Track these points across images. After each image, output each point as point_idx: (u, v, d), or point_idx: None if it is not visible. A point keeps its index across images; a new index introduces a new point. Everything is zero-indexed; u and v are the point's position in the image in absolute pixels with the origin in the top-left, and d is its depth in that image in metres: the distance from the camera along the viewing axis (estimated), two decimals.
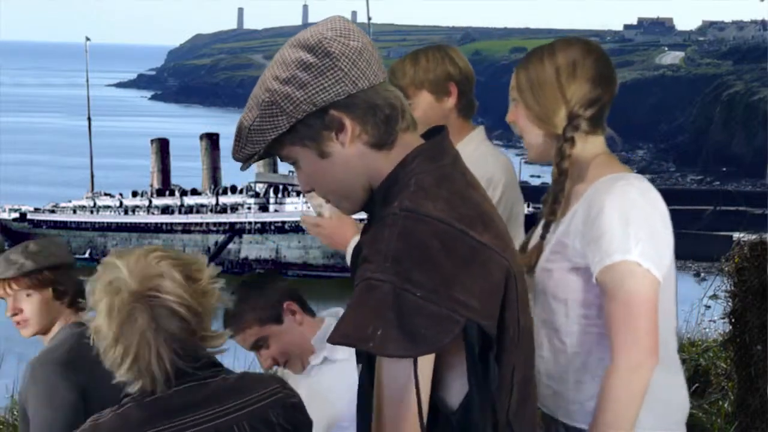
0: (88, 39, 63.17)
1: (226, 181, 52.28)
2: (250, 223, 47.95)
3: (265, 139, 1.91)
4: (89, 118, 59.03)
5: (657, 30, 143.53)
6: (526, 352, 2.03)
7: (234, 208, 48.82)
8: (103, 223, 51.84)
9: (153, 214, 51.06)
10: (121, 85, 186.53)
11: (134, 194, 52.85)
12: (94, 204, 52.96)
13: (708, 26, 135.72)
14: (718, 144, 73.11)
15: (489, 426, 1.89)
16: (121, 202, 52.30)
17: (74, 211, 53.04)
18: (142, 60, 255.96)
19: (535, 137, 2.55)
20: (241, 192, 49.51)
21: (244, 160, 1.97)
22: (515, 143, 55.37)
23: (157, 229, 49.69)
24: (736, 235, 5.48)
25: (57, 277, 3.13)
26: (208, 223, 49.13)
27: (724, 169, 70.15)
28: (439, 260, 1.82)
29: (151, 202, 51.47)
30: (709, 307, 7.82)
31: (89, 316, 2.16)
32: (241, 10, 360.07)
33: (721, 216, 48.45)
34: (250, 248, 47.99)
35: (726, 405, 5.85)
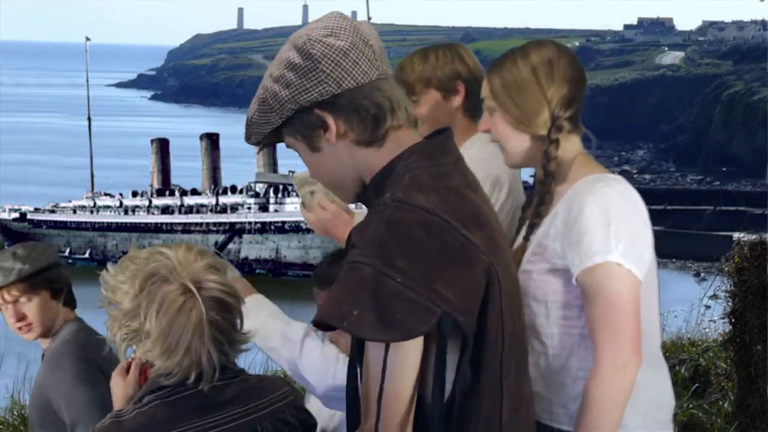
0: (88, 39, 63.15)
1: (226, 181, 52.29)
2: (250, 223, 47.94)
3: (263, 132, 2.02)
4: (89, 118, 59.01)
5: (657, 30, 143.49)
6: (518, 359, 2.04)
7: (234, 208, 48.81)
8: (103, 223, 51.84)
9: (153, 214, 51.06)
10: (121, 85, 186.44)
11: (134, 194, 52.85)
12: (94, 204, 52.95)
13: (708, 26, 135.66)
14: (718, 144, 73.07)
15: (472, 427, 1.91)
16: (121, 202, 52.30)
17: (74, 211, 53.02)
18: (142, 60, 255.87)
19: (519, 142, 2.52)
20: (241, 192, 49.51)
21: (256, 145, 2.08)
22: None
23: (157, 229, 49.68)
24: (736, 235, 5.48)
25: (53, 277, 3.13)
26: (208, 223, 49.13)
27: (724, 169, 70.11)
28: (424, 250, 1.85)
29: (151, 202, 51.46)
30: (709, 307, 7.82)
31: (111, 309, 2.16)
32: (241, 10, 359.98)
33: (721, 216, 48.38)
34: (250, 248, 47.98)
35: (726, 405, 5.85)
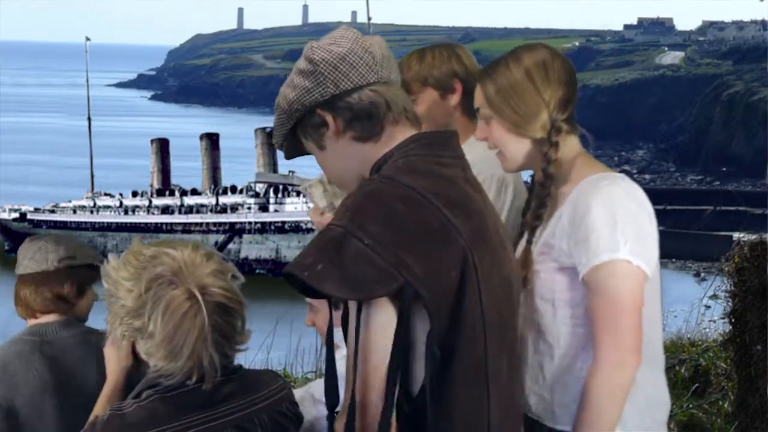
0: (88, 39, 63.14)
1: (226, 181, 52.28)
2: (250, 223, 47.94)
3: (281, 133, 2.19)
4: (89, 118, 59.01)
5: (657, 30, 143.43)
6: (511, 364, 2.07)
7: (234, 208, 48.80)
8: (103, 223, 51.82)
9: (153, 214, 51.05)
10: (121, 85, 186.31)
11: (134, 194, 52.84)
12: (94, 204, 52.94)
13: (708, 26, 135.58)
14: (718, 144, 73.04)
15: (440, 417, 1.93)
16: (121, 202, 52.29)
17: (74, 211, 53.02)
18: (142, 60, 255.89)
19: (518, 147, 2.51)
20: (241, 192, 49.51)
21: (280, 149, 2.26)
22: None
23: (157, 229, 49.63)
24: (736, 235, 5.47)
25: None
26: (208, 223, 49.11)
27: (724, 169, 70.09)
28: (399, 220, 1.92)
29: (151, 202, 51.46)
30: (709, 307, 7.82)
31: (112, 301, 2.18)
32: (241, 10, 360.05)
33: (721, 216, 48.37)
34: (250, 248, 47.97)
35: (726, 405, 5.85)
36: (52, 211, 53.44)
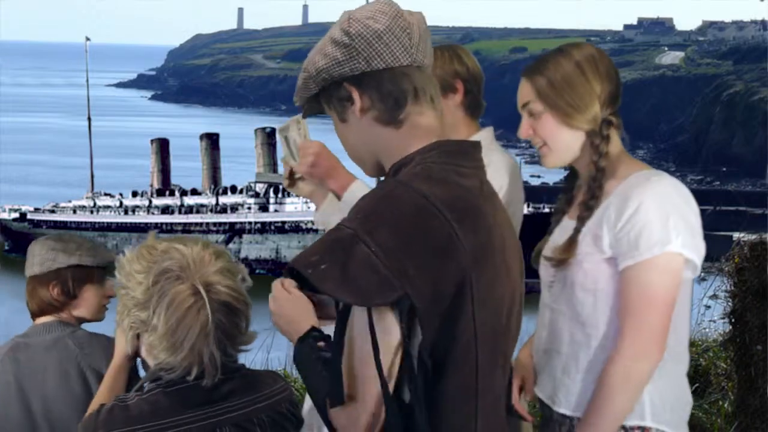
0: (88, 39, 63.22)
1: (226, 181, 52.35)
2: (250, 223, 47.99)
3: (304, 96, 2.14)
4: (89, 118, 59.08)
5: (657, 30, 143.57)
6: (500, 385, 2.05)
7: (234, 208, 48.87)
8: (103, 223, 51.88)
9: (153, 214, 51.11)
10: (121, 85, 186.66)
11: (134, 194, 52.91)
12: (94, 204, 53.00)
13: (708, 26, 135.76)
14: (718, 144, 73.15)
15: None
16: (121, 202, 52.35)
17: (74, 211, 53.08)
18: (142, 60, 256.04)
19: (569, 140, 2.52)
20: (241, 192, 49.56)
21: (300, 107, 2.21)
22: (515, 143, 55.35)
23: (157, 229, 49.72)
24: (736, 235, 5.46)
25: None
26: (208, 223, 49.17)
27: (724, 169, 70.19)
28: (407, 228, 1.89)
29: (151, 202, 51.51)
30: (709, 307, 7.80)
31: (122, 293, 2.20)
32: (241, 10, 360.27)
33: (721, 216, 48.44)
34: (250, 248, 48.01)
35: (726, 405, 5.84)
36: (52, 211, 53.48)
